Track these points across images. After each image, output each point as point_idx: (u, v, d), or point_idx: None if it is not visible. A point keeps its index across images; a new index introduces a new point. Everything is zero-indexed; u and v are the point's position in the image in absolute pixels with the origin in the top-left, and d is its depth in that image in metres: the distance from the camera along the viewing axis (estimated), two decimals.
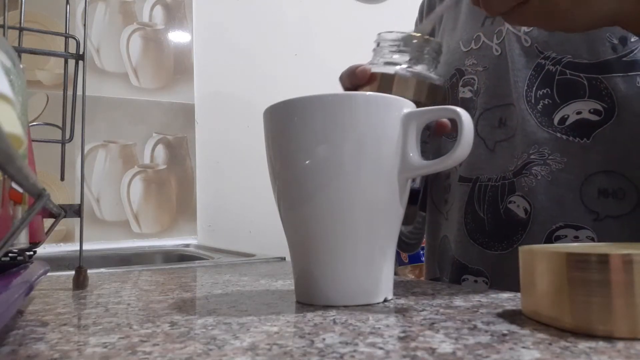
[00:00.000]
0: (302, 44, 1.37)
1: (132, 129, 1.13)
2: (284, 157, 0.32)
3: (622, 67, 0.42)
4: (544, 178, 0.45)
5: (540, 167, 0.45)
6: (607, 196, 0.42)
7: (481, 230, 0.49)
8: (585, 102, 0.43)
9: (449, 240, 0.54)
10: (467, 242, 0.51)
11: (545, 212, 0.45)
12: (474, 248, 0.50)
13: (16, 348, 0.23)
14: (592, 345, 0.21)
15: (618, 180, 0.42)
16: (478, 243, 0.50)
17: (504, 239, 0.47)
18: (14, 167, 0.15)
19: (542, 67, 0.46)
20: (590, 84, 0.43)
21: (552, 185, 0.44)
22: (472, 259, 0.50)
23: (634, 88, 0.42)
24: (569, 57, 0.45)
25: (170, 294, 0.38)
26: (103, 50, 1.12)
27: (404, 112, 0.31)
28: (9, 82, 0.21)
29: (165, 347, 0.22)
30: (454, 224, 0.53)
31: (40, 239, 0.38)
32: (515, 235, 0.46)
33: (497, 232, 0.48)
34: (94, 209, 1.07)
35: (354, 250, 0.31)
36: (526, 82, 0.47)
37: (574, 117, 0.44)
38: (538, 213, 0.45)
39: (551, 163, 0.45)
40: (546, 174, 0.45)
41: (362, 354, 0.20)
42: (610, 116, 0.42)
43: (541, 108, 0.46)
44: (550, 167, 0.44)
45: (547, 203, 0.45)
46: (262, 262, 0.64)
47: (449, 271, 0.54)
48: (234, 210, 1.23)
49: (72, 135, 0.46)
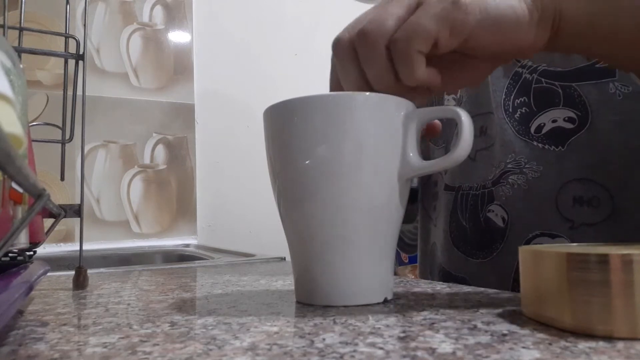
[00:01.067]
0: (302, 44, 1.37)
1: (132, 129, 1.13)
2: (284, 157, 0.32)
3: (595, 74, 0.42)
4: (520, 187, 0.45)
5: (517, 176, 0.45)
6: (582, 204, 0.42)
7: (464, 238, 0.50)
8: (561, 110, 0.43)
9: (437, 248, 0.54)
10: (451, 249, 0.51)
11: (522, 221, 0.45)
12: (458, 256, 0.50)
13: (16, 348, 0.23)
14: (592, 345, 0.21)
15: (593, 188, 0.42)
16: (461, 251, 0.50)
17: (484, 248, 0.47)
18: (14, 167, 0.15)
19: (519, 75, 0.46)
20: (565, 92, 0.43)
21: (528, 194, 0.44)
22: (457, 266, 0.50)
23: (607, 95, 0.42)
24: (544, 66, 0.44)
25: (170, 294, 0.38)
26: (103, 50, 1.12)
27: (404, 112, 0.31)
28: (9, 82, 0.21)
29: (165, 347, 0.22)
30: (441, 231, 0.53)
31: (40, 239, 0.38)
32: (494, 244, 0.46)
33: (478, 240, 0.48)
34: (94, 209, 1.07)
35: (353, 250, 0.31)
36: (504, 90, 0.47)
37: (550, 125, 0.44)
38: (515, 222, 0.45)
39: (527, 172, 0.44)
40: (522, 182, 0.45)
41: (362, 354, 0.20)
42: (584, 124, 0.42)
43: (518, 117, 0.46)
44: (527, 176, 0.44)
45: (523, 212, 0.44)
46: (262, 262, 0.64)
47: (436, 277, 0.54)
48: (234, 210, 1.23)
49: (72, 135, 0.46)
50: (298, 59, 1.35)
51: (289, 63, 1.34)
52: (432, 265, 0.56)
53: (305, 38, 1.37)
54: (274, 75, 1.31)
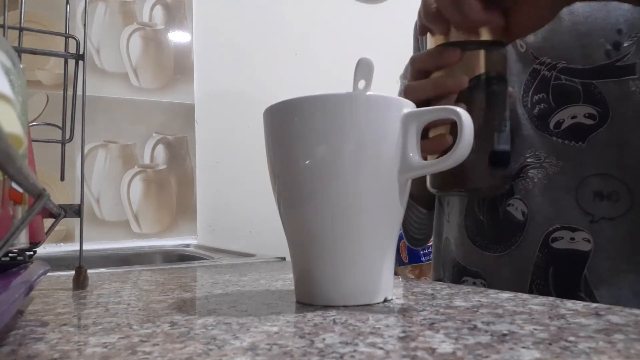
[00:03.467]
0: (302, 44, 1.37)
1: (132, 129, 1.13)
2: (284, 157, 0.32)
3: (616, 72, 0.43)
4: (540, 181, 0.45)
5: (536, 170, 0.46)
6: (602, 199, 0.43)
7: (480, 232, 0.50)
8: (580, 106, 0.44)
9: (450, 242, 0.55)
10: (467, 244, 0.51)
11: (542, 215, 0.45)
12: (473, 250, 0.50)
13: (16, 348, 0.23)
14: (592, 345, 0.21)
15: (612, 183, 0.43)
16: (477, 245, 0.50)
17: (502, 241, 0.48)
18: (14, 167, 0.15)
19: (537, 72, 0.47)
20: (585, 89, 0.44)
21: (548, 188, 0.45)
22: (472, 261, 0.51)
23: (627, 92, 0.42)
24: (563, 63, 0.45)
25: (170, 294, 0.38)
26: (103, 50, 1.12)
27: (404, 112, 0.31)
28: (9, 82, 0.21)
29: (165, 347, 0.22)
30: (455, 226, 0.53)
31: (40, 239, 0.38)
32: (513, 238, 0.47)
33: (496, 234, 0.49)
34: (94, 209, 1.07)
35: (354, 250, 0.31)
36: (522, 86, 0.48)
37: (569, 122, 0.45)
38: (535, 215, 0.46)
39: (547, 166, 0.45)
40: (542, 176, 0.45)
41: (362, 354, 0.20)
42: (604, 120, 0.43)
43: (537, 112, 0.46)
44: (547, 170, 0.45)
45: (543, 205, 0.45)
46: (262, 262, 0.64)
47: (450, 272, 0.55)
48: (234, 210, 1.23)
49: (72, 135, 0.46)
50: (298, 59, 1.35)
51: (289, 63, 1.34)
52: (445, 260, 0.56)
53: (305, 38, 1.37)
54: (274, 75, 1.31)
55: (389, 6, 1.47)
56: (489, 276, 0.49)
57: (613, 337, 0.22)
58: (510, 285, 0.46)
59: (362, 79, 0.30)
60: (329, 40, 1.39)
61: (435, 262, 0.60)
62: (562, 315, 0.27)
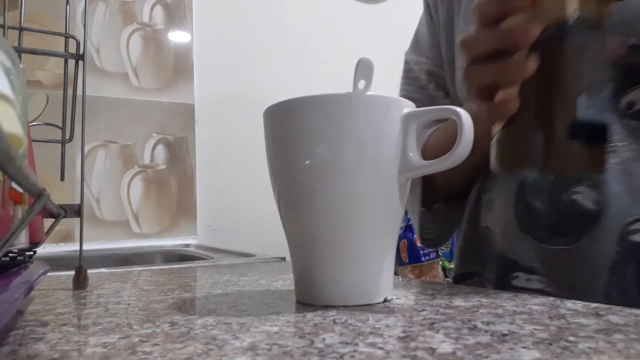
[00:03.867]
0: (302, 43, 1.37)
1: (132, 129, 1.13)
2: (284, 157, 0.32)
3: None
4: (613, 167, 0.41)
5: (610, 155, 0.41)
6: None
7: (536, 223, 0.44)
8: None
9: (493, 233, 0.49)
10: (518, 236, 0.45)
11: (618, 204, 0.40)
12: (526, 243, 0.45)
13: (16, 348, 0.23)
14: (592, 345, 0.21)
15: None
16: (533, 237, 0.44)
17: (566, 234, 0.43)
18: (14, 167, 0.15)
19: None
20: None
21: (624, 174, 0.40)
22: (525, 255, 0.45)
23: None
24: (632, 40, 0.40)
25: (170, 294, 0.38)
26: (103, 50, 1.12)
27: (404, 112, 0.31)
28: (9, 82, 0.21)
29: (165, 347, 0.22)
30: (500, 215, 0.48)
31: (40, 239, 0.38)
32: (581, 230, 0.42)
33: (557, 225, 0.43)
34: (94, 209, 1.07)
35: (354, 250, 0.31)
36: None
37: None
38: (610, 205, 0.41)
39: (623, 150, 0.41)
40: (616, 162, 0.41)
41: (362, 354, 0.20)
42: None
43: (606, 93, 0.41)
44: (622, 155, 0.41)
45: (619, 194, 0.40)
46: (262, 262, 0.64)
47: (494, 267, 0.49)
48: (234, 210, 1.23)
49: (72, 135, 0.46)
50: (298, 59, 1.36)
51: (289, 63, 1.34)
52: (484, 253, 0.50)
53: (305, 38, 1.37)
54: (274, 75, 1.31)
55: (389, 6, 1.47)
56: (550, 272, 0.44)
57: (613, 337, 0.22)
58: (578, 283, 0.41)
59: (362, 79, 0.30)
60: (329, 40, 1.39)
61: (463, 254, 0.55)
62: (562, 315, 0.27)
